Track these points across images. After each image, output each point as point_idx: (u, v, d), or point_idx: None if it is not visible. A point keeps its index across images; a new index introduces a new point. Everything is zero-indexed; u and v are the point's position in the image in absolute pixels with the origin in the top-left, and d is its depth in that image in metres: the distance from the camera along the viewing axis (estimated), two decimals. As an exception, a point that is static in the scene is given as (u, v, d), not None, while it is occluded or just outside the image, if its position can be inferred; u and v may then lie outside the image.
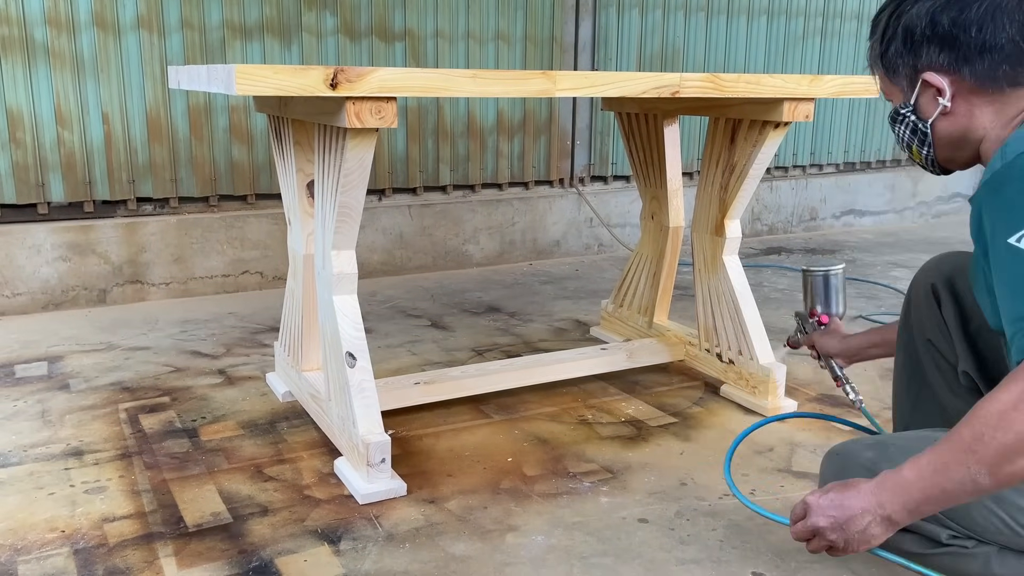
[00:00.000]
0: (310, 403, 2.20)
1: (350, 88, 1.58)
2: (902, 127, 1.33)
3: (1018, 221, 1.07)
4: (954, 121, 1.26)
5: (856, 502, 1.17)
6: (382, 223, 3.81)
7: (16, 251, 3.15)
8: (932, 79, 1.24)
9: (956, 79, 1.23)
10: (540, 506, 1.79)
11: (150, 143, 3.31)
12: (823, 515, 1.20)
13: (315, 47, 3.53)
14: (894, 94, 1.34)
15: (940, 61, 1.23)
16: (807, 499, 1.24)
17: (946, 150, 1.31)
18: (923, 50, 1.24)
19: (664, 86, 1.94)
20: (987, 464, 1.03)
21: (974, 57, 1.20)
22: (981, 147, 1.26)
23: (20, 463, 1.95)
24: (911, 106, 1.30)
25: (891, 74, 1.32)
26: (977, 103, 1.24)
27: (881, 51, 1.31)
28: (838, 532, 1.19)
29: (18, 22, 3.02)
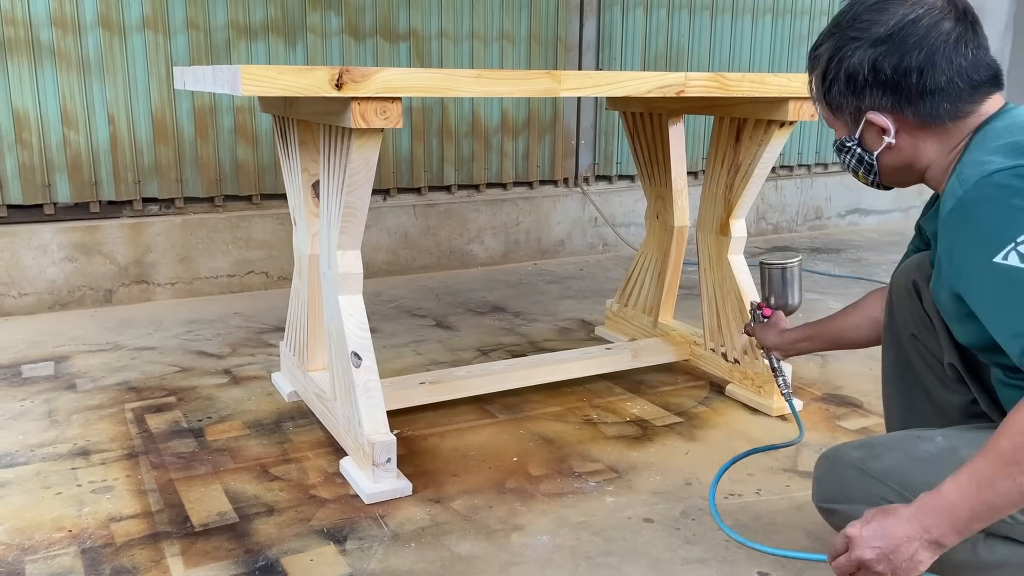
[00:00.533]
0: (316, 403, 2.21)
1: (355, 88, 1.58)
2: (848, 156, 1.37)
3: (998, 240, 1.09)
4: (899, 154, 1.31)
5: (899, 530, 1.14)
6: (387, 223, 3.81)
7: (23, 251, 3.16)
8: (876, 119, 1.28)
9: (900, 118, 1.27)
10: (545, 506, 1.80)
11: (156, 144, 3.32)
12: (867, 547, 1.17)
13: (320, 47, 3.53)
14: (838, 127, 1.37)
15: (884, 103, 1.27)
16: (847, 531, 1.21)
17: (892, 177, 1.36)
18: (866, 93, 1.27)
19: (669, 85, 1.93)
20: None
21: (916, 99, 1.24)
22: (927, 173, 1.32)
23: (27, 463, 1.96)
24: (856, 139, 1.34)
25: (834, 111, 1.35)
26: (921, 136, 1.28)
27: (824, 90, 1.34)
28: (884, 563, 1.16)
29: (24, 23, 3.03)
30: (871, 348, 1.77)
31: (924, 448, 1.30)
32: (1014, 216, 1.08)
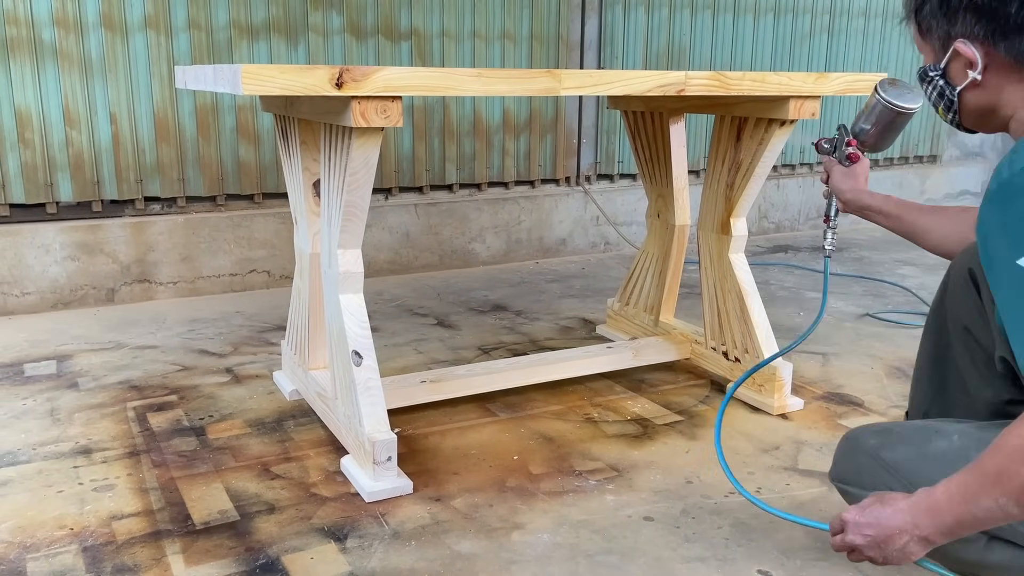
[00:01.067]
0: (317, 401, 2.21)
1: (356, 87, 1.58)
2: (929, 87, 1.28)
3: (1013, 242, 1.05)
4: (983, 94, 1.22)
5: (893, 521, 1.17)
6: (388, 222, 3.82)
7: (25, 251, 3.17)
8: (964, 50, 1.20)
9: (990, 52, 1.18)
10: (546, 504, 1.80)
11: (158, 143, 3.33)
12: (860, 534, 1.21)
13: (321, 47, 3.54)
14: (925, 52, 1.29)
15: (976, 32, 1.18)
16: (844, 516, 1.25)
17: (972, 119, 1.27)
18: (959, 17, 1.19)
19: (669, 84, 1.94)
20: (1014, 496, 1.04)
21: (1012, 33, 1.15)
22: (1011, 124, 1.22)
23: (29, 461, 1.97)
24: (940, 70, 1.25)
25: (924, 33, 1.26)
26: (1010, 79, 1.19)
27: (916, 6, 1.25)
28: (875, 550, 1.20)
29: (26, 23, 3.04)
30: (873, 348, 1.77)
31: (937, 445, 1.30)
32: None
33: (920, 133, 5.42)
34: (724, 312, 2.45)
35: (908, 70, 5.25)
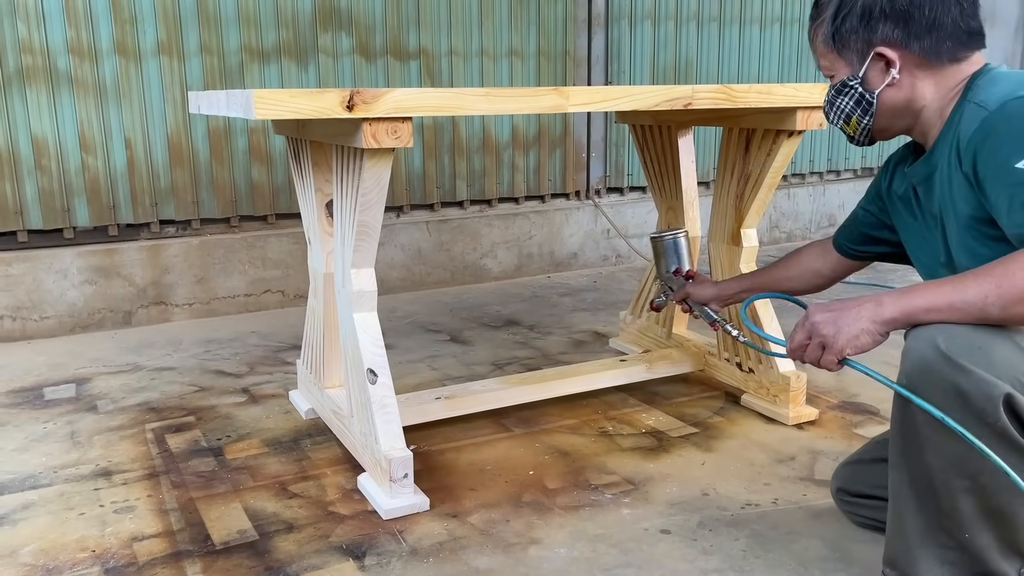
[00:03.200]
0: (333, 420, 2.23)
1: (366, 109, 1.61)
2: (846, 99, 1.45)
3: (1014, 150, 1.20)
4: (899, 92, 1.40)
5: (855, 303, 1.27)
6: (400, 239, 3.84)
7: (43, 275, 3.21)
8: (885, 52, 1.38)
9: (905, 53, 1.37)
10: (562, 519, 1.80)
11: (172, 166, 3.37)
12: (822, 311, 1.29)
13: (331, 68, 3.58)
14: (838, 69, 1.45)
15: (893, 36, 1.37)
16: (809, 307, 1.34)
17: (885, 119, 1.44)
18: (879, 26, 1.37)
19: (676, 98, 1.95)
20: (1004, 298, 1.14)
21: (923, 34, 1.35)
22: (922, 115, 1.41)
23: (51, 484, 1.99)
24: (859, 78, 1.42)
25: (839, 49, 1.43)
26: (920, 76, 1.38)
27: (833, 28, 1.42)
28: (830, 326, 1.27)
29: (42, 52, 3.09)
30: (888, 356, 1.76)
31: None
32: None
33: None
34: (734, 319, 2.45)
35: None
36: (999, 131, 1.24)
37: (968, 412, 1.17)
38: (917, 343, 1.21)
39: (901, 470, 1.31)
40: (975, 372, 1.16)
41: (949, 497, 1.25)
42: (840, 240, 1.79)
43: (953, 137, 1.33)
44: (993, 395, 1.15)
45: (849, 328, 1.25)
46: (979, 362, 1.16)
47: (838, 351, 1.27)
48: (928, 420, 1.21)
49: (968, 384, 1.16)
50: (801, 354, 1.33)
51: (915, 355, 1.21)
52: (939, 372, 1.18)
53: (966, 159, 1.29)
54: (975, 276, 1.17)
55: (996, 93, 1.29)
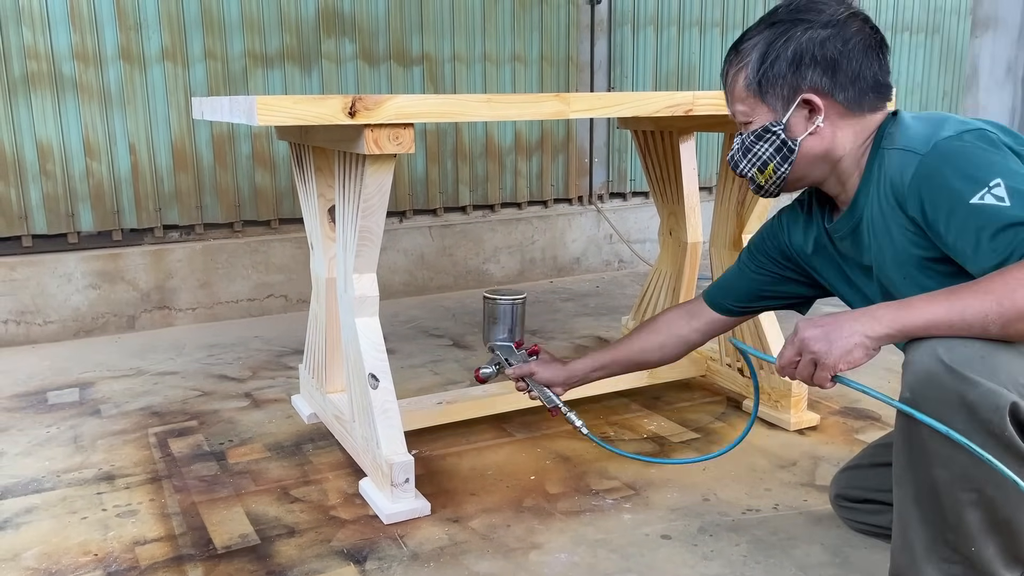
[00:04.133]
0: (335, 424, 2.23)
1: (368, 116, 1.61)
2: (766, 145, 1.43)
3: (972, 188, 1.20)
4: (820, 141, 1.40)
5: (848, 317, 1.23)
6: (403, 244, 3.85)
7: (47, 280, 3.23)
8: (812, 99, 1.38)
9: (830, 102, 1.39)
10: (563, 524, 1.81)
11: (176, 171, 3.39)
12: (812, 327, 1.25)
13: (335, 73, 3.59)
14: (758, 115, 1.44)
15: (821, 84, 1.38)
16: (798, 322, 1.30)
17: (803, 168, 1.44)
18: (808, 72, 1.38)
19: (677, 105, 1.96)
20: (1005, 316, 1.12)
21: (848, 84, 1.37)
22: (839, 165, 1.42)
23: (54, 488, 2.00)
24: (783, 124, 1.41)
25: (763, 94, 1.42)
26: (841, 125, 1.40)
27: (760, 73, 1.41)
28: (822, 342, 1.23)
29: (47, 57, 3.11)
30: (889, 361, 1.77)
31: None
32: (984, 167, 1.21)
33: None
34: (738, 328, 2.45)
35: (916, 82, 5.25)
36: (942, 171, 1.24)
37: (974, 424, 1.15)
38: (920, 356, 1.19)
39: (906, 484, 1.29)
40: (981, 383, 1.14)
41: (955, 511, 1.23)
42: (720, 300, 1.75)
43: (881, 184, 1.34)
44: (1000, 405, 1.14)
45: (842, 343, 1.21)
46: (984, 372, 1.14)
47: (831, 367, 1.23)
48: (933, 434, 1.19)
49: (975, 395, 1.14)
50: (792, 371, 1.29)
51: (918, 368, 1.19)
52: (944, 384, 1.16)
53: (911, 203, 1.28)
54: (974, 293, 1.15)
55: (917, 137, 1.30)
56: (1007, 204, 1.16)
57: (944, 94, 5.39)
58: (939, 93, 5.37)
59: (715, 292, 1.78)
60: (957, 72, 5.41)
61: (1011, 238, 1.15)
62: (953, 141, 1.26)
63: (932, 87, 5.32)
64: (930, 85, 5.31)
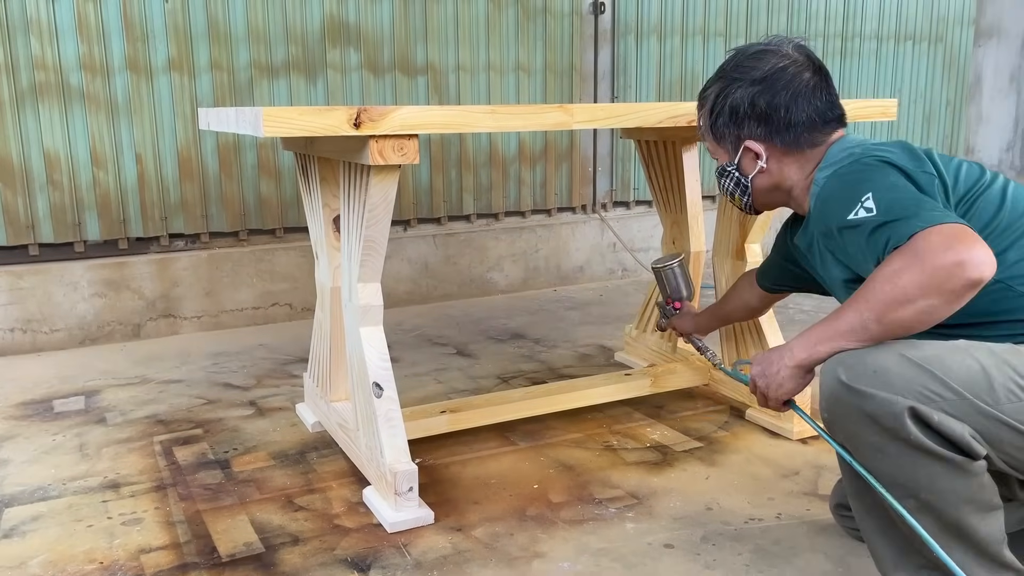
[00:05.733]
0: (339, 433, 2.24)
1: (373, 127, 1.63)
2: (728, 180, 1.66)
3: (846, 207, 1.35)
4: (769, 176, 1.60)
5: (776, 352, 1.40)
6: (408, 253, 3.87)
7: (54, 288, 3.25)
8: (752, 146, 1.58)
9: (770, 145, 1.58)
10: (566, 532, 1.81)
11: (181, 181, 3.41)
12: (757, 363, 1.44)
13: (340, 83, 3.61)
14: (720, 155, 1.66)
15: (758, 133, 1.57)
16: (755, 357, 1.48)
17: (763, 197, 1.65)
18: (745, 124, 1.58)
19: (680, 115, 1.97)
20: (876, 311, 1.23)
21: (783, 130, 1.55)
22: (792, 192, 1.61)
23: (60, 496, 2.01)
24: (735, 165, 1.63)
25: (718, 140, 1.64)
26: (786, 162, 1.58)
27: (711, 122, 1.63)
28: (761, 379, 1.42)
29: (54, 68, 3.14)
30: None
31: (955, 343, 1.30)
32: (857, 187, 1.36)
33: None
34: (742, 337, 2.46)
35: (920, 91, 5.26)
36: (827, 205, 1.42)
37: (882, 433, 1.25)
38: (824, 378, 1.31)
39: (858, 500, 1.41)
40: (876, 395, 1.24)
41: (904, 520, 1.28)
42: (761, 280, 2.04)
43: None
44: (896, 412, 1.22)
45: (773, 377, 1.39)
46: (877, 384, 1.24)
47: (773, 399, 1.42)
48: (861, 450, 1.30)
49: (872, 407, 1.24)
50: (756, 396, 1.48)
51: (824, 390, 1.31)
52: (845, 402, 1.27)
53: (818, 233, 1.46)
54: (850, 303, 1.28)
55: (827, 168, 1.50)
56: (874, 213, 1.29)
57: (947, 103, 5.39)
58: (943, 102, 5.37)
59: (759, 273, 2.04)
60: (960, 81, 5.42)
61: (877, 240, 1.27)
62: (838, 173, 1.44)
63: (935, 96, 5.33)
64: (933, 94, 5.32)
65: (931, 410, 1.21)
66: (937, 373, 1.22)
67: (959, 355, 1.25)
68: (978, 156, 5.70)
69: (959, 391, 1.22)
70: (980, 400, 1.22)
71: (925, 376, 1.22)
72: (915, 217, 1.24)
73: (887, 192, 1.31)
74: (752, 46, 1.62)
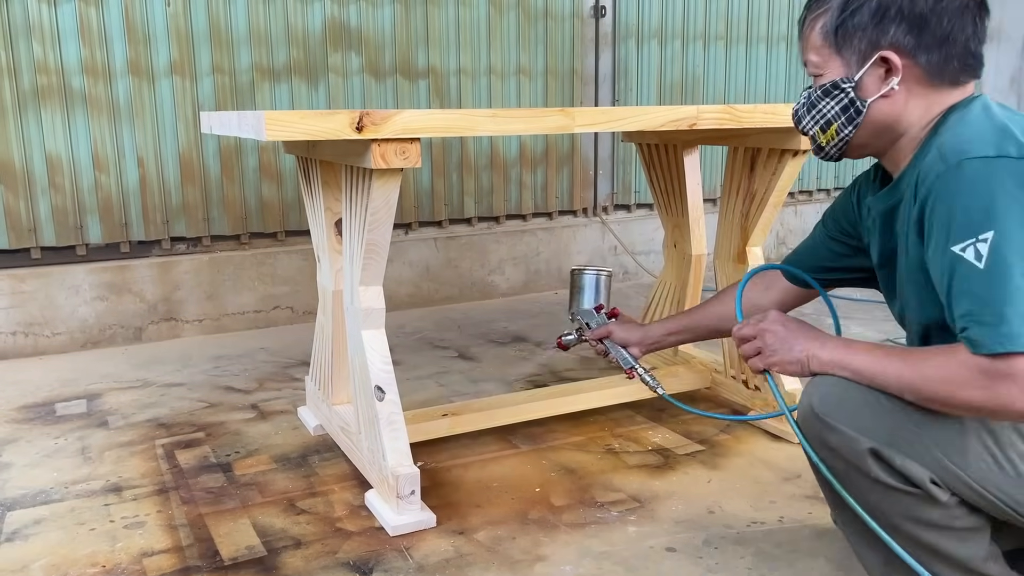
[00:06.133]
0: (341, 436, 2.24)
1: (375, 131, 1.63)
2: (832, 102, 1.32)
3: (962, 233, 1.12)
4: (892, 106, 1.29)
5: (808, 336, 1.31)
6: (409, 256, 3.87)
7: (56, 291, 3.25)
8: (891, 57, 1.26)
9: (911, 64, 1.26)
10: (568, 536, 1.81)
11: (183, 184, 3.41)
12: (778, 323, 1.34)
13: (341, 87, 3.62)
14: (831, 68, 1.32)
15: (904, 42, 1.25)
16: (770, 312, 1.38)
17: (866, 134, 1.33)
18: (892, 27, 1.25)
19: (681, 119, 1.97)
20: (917, 395, 1.18)
21: (934, 46, 1.24)
22: (900, 141, 1.31)
23: (62, 499, 2.01)
24: (854, 82, 1.29)
25: (839, 46, 1.30)
26: (916, 93, 1.27)
27: (839, 21, 1.29)
28: (778, 341, 1.32)
29: (56, 71, 3.14)
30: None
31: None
32: (986, 210, 1.11)
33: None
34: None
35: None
36: (947, 199, 1.16)
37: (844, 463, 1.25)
38: (802, 398, 1.29)
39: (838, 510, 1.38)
40: (841, 430, 1.22)
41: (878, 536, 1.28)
42: (795, 270, 1.67)
43: (915, 173, 1.26)
44: (858, 450, 1.22)
45: (788, 353, 1.30)
46: (845, 419, 1.22)
47: (767, 364, 1.34)
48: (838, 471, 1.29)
49: (835, 440, 1.24)
50: (740, 342, 1.39)
51: (800, 411, 1.30)
52: (813, 428, 1.27)
53: (918, 206, 1.23)
54: (902, 365, 1.19)
55: (958, 140, 1.19)
56: (980, 267, 1.09)
57: (948, 106, 5.39)
58: (943, 105, 5.37)
59: (791, 262, 1.70)
60: (961, 84, 5.42)
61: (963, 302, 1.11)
62: (978, 166, 1.14)
63: (936, 99, 5.33)
64: (934, 97, 5.32)
65: (893, 453, 1.20)
66: (910, 424, 1.20)
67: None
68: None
69: (928, 445, 1.20)
70: (948, 459, 1.20)
71: (898, 422, 1.20)
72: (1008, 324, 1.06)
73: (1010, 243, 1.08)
74: None
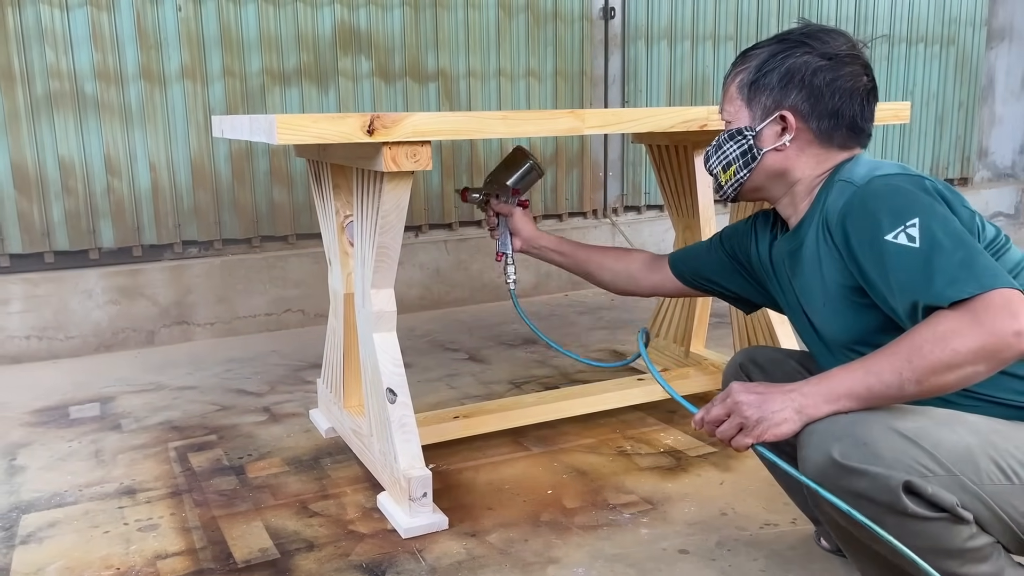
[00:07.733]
0: (352, 439, 2.25)
1: (386, 134, 1.64)
2: (734, 146, 1.50)
3: (891, 224, 1.25)
4: (784, 159, 1.46)
5: (779, 390, 1.26)
6: (419, 259, 3.87)
7: (69, 296, 3.27)
8: (788, 117, 1.44)
9: (804, 127, 1.44)
10: (580, 538, 1.81)
11: (195, 188, 3.43)
12: (746, 392, 1.27)
13: (351, 91, 3.63)
14: (739, 117, 1.50)
15: (801, 108, 1.43)
16: (732, 384, 1.31)
17: (759, 179, 1.50)
18: (793, 93, 1.43)
19: (692, 120, 1.97)
20: (918, 373, 1.15)
21: (825, 116, 1.43)
22: (794, 188, 1.48)
23: (76, 502, 2.02)
24: (755, 131, 1.47)
25: (749, 99, 1.48)
26: (807, 152, 1.45)
27: (753, 78, 1.47)
28: (754, 409, 1.25)
29: (69, 77, 3.17)
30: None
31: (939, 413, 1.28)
32: (907, 205, 1.25)
33: (950, 155, 5.38)
34: (755, 341, 2.45)
35: (932, 93, 5.23)
36: (867, 205, 1.29)
37: (877, 508, 1.19)
38: (811, 452, 1.22)
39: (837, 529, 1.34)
40: (869, 471, 1.18)
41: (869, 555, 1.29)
42: (682, 265, 1.85)
43: (821, 214, 1.39)
44: (891, 487, 1.17)
45: (774, 415, 1.24)
46: (868, 459, 1.18)
47: (757, 436, 1.25)
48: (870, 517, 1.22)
49: (866, 485, 1.18)
50: (713, 428, 1.31)
51: (811, 467, 1.22)
52: (838, 481, 1.20)
53: (837, 233, 1.34)
54: (887, 357, 1.19)
55: (860, 171, 1.37)
56: (915, 245, 1.20)
57: (960, 104, 5.37)
58: (955, 104, 5.35)
59: (680, 257, 1.87)
60: (973, 83, 5.39)
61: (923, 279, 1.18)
62: (887, 179, 1.31)
63: (948, 98, 5.31)
64: (946, 96, 5.29)
65: (924, 483, 1.17)
66: (927, 447, 1.18)
67: (946, 430, 1.20)
68: (992, 158, 5.67)
69: (948, 467, 1.18)
70: (966, 478, 1.19)
71: (916, 450, 1.18)
72: (969, 270, 1.15)
73: (935, 222, 1.22)
74: (822, 25, 1.49)
